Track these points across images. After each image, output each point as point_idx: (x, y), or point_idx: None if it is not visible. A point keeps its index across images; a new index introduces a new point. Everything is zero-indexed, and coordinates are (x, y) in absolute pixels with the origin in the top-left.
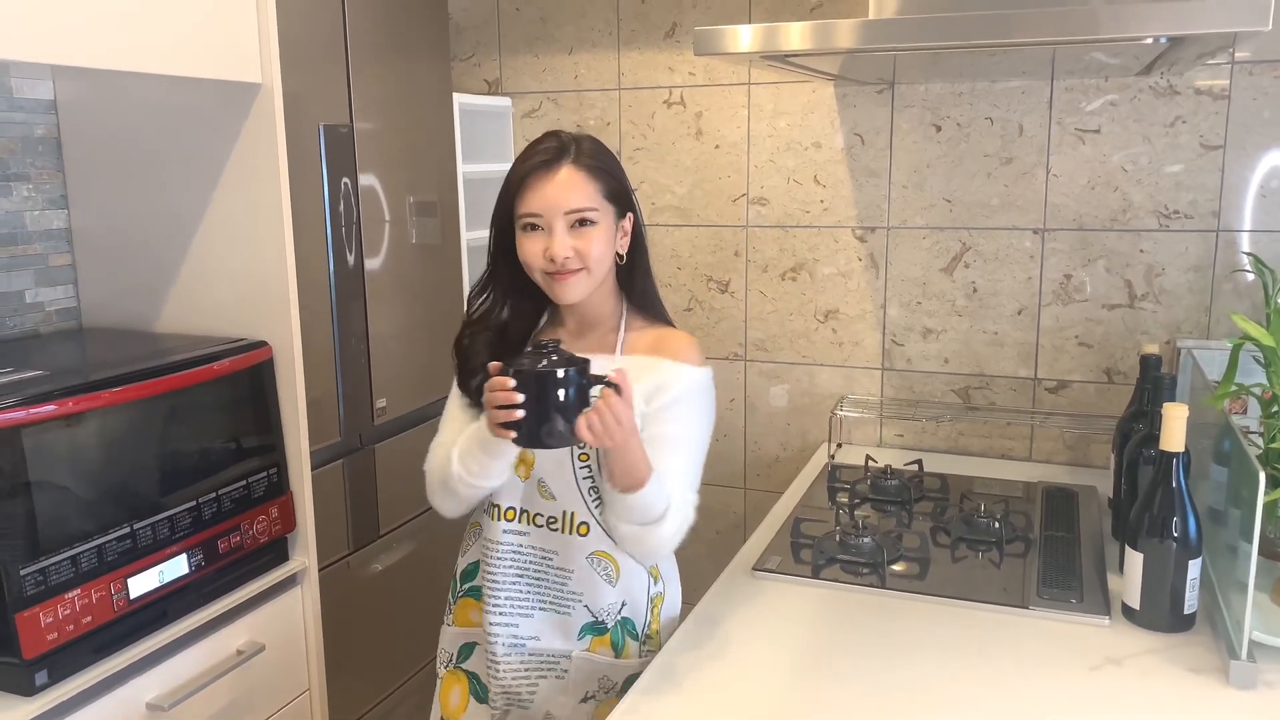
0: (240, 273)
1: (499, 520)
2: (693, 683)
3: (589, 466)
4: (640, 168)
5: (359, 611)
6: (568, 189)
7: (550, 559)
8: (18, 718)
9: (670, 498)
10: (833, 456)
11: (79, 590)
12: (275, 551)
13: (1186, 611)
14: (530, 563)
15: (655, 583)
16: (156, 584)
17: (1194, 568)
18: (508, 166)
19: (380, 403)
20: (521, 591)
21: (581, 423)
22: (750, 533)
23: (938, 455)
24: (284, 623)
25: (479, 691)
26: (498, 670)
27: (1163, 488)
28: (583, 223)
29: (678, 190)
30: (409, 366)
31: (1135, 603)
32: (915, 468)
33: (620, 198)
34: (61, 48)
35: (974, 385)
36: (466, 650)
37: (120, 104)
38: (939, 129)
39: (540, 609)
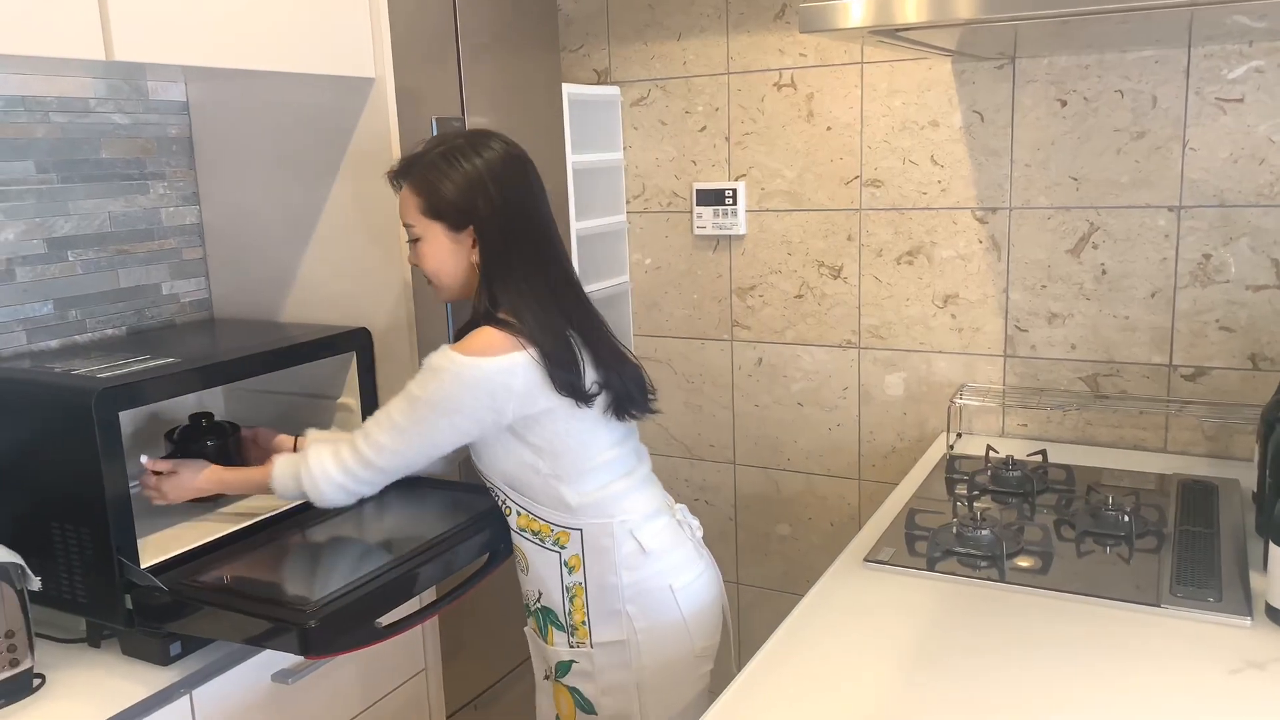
0: (357, 265)
1: None
2: (796, 675)
3: (484, 468)
4: (749, 153)
5: (473, 592)
6: (402, 204)
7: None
8: (152, 685)
9: (297, 468)
10: (951, 447)
11: None
12: None
13: None
14: None
15: (571, 573)
16: None
17: None
18: (616, 156)
19: None
20: None
21: None
22: (864, 525)
23: (1063, 446)
24: None
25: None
26: None
27: None
28: (413, 239)
29: (788, 174)
30: None
31: None
32: (1039, 458)
33: (447, 212)
34: (191, 49)
35: (1103, 373)
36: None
37: (246, 104)
38: (1064, 104)
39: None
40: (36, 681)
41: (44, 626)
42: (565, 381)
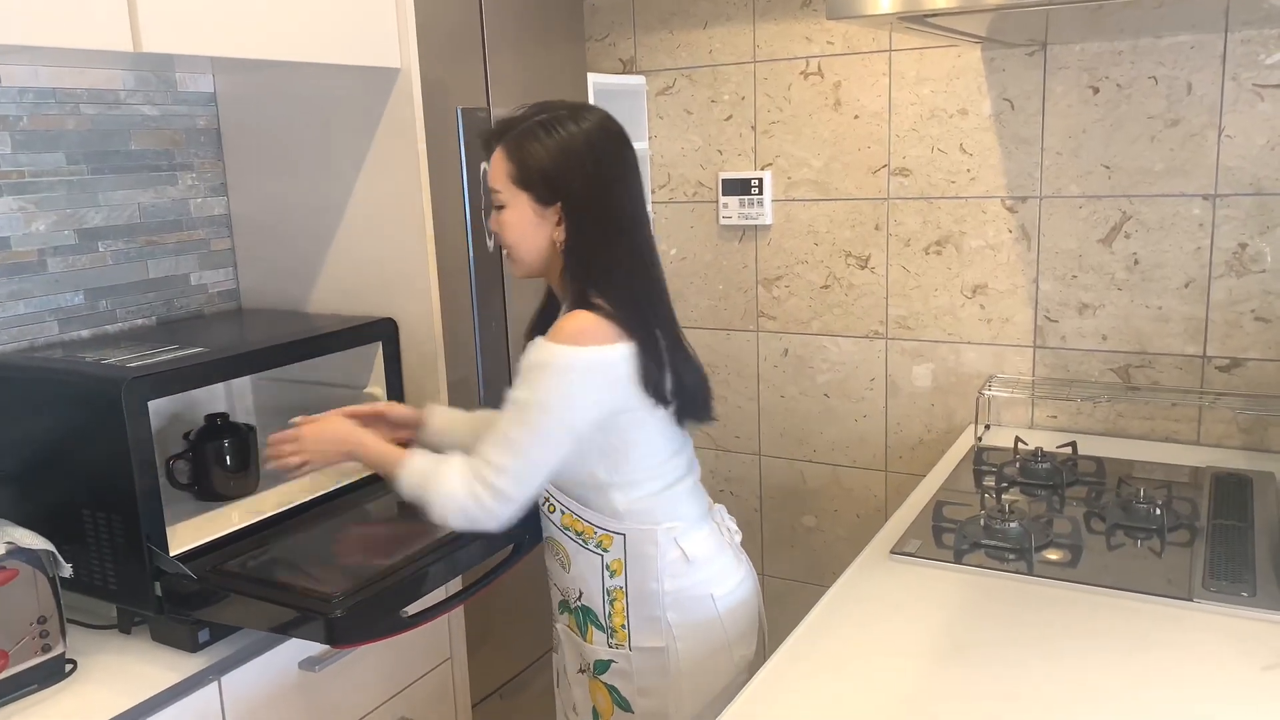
0: (383, 255)
1: None
2: (822, 666)
3: None
4: (776, 141)
5: (499, 582)
6: (492, 168)
7: (544, 528)
8: (182, 671)
9: (427, 480)
10: (980, 438)
11: None
12: None
13: None
14: None
15: (613, 576)
16: None
17: None
18: (642, 145)
19: None
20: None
21: None
22: (891, 517)
23: (1094, 438)
24: None
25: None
26: None
27: None
28: (497, 205)
29: (815, 163)
30: None
31: None
32: (1069, 450)
33: (536, 183)
34: (218, 40)
35: (1135, 364)
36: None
37: (273, 95)
38: (1096, 91)
39: (551, 569)
40: (69, 667)
41: (76, 613)
42: (653, 381)
